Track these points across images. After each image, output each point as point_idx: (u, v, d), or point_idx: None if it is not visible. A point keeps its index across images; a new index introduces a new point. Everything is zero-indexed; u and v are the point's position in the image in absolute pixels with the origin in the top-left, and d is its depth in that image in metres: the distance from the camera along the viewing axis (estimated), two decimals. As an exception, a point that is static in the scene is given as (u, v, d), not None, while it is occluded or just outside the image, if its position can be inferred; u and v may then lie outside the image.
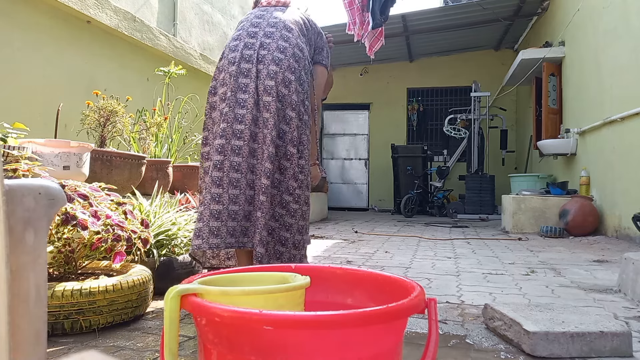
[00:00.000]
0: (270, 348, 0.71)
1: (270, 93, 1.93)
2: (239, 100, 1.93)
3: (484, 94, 8.60)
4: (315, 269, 1.07)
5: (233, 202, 1.87)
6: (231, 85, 1.94)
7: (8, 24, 3.84)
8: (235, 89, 1.94)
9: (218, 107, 1.99)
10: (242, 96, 1.93)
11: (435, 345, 0.80)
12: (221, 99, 1.98)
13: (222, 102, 1.97)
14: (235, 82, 1.94)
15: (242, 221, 1.89)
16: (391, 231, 5.61)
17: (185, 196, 3.14)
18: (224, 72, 2.00)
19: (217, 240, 1.82)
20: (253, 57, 1.97)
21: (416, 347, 1.48)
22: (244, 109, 1.92)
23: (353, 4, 4.45)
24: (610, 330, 1.42)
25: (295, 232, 1.98)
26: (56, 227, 1.66)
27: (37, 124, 3.80)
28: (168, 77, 4.58)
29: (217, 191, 1.86)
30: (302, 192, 2.00)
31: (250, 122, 1.91)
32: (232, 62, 1.98)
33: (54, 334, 1.54)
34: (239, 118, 1.91)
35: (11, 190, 0.67)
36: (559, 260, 3.39)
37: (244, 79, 1.95)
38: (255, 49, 1.99)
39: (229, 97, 1.94)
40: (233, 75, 1.96)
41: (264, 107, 1.93)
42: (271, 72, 1.95)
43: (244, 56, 1.98)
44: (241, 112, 1.92)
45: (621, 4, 4.59)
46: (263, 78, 1.95)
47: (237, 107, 1.92)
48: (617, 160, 4.60)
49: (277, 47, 2.00)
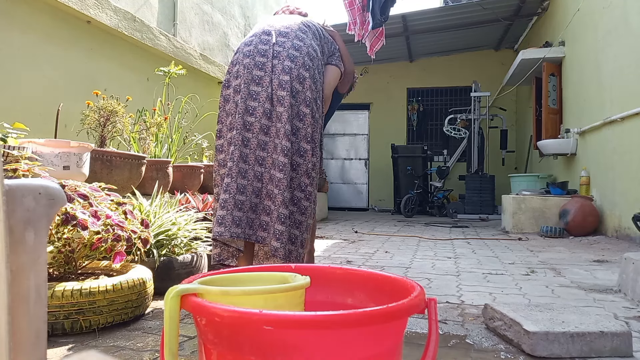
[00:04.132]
0: (270, 348, 0.71)
1: (285, 88, 1.95)
2: (252, 92, 1.95)
3: (484, 94, 8.60)
4: (315, 269, 1.07)
5: (240, 192, 1.88)
6: (245, 77, 1.96)
7: (8, 24, 3.84)
8: (249, 81, 1.95)
9: (232, 99, 2.00)
10: (255, 89, 1.95)
11: (435, 345, 0.80)
12: (235, 90, 1.99)
13: (236, 94, 1.99)
14: (249, 74, 1.96)
15: (249, 212, 1.90)
16: (391, 231, 5.61)
17: (185, 196, 3.14)
18: (238, 65, 2.01)
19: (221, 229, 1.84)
20: (268, 52, 1.99)
21: (416, 347, 1.48)
22: (255, 101, 1.94)
23: (353, 4, 4.45)
24: (610, 330, 1.42)
25: (304, 230, 1.99)
26: (56, 227, 1.66)
27: (37, 124, 3.80)
28: (168, 77, 4.58)
29: (227, 181, 1.88)
30: (313, 190, 2.01)
31: (262, 115, 1.93)
32: (246, 55, 2.00)
33: (54, 334, 1.54)
34: (250, 110, 1.93)
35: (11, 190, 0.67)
36: (559, 260, 3.39)
37: (258, 72, 1.97)
38: (270, 45, 2.02)
39: (242, 89, 1.95)
40: (247, 67, 1.97)
41: (278, 101, 1.95)
42: (286, 68, 1.97)
43: (259, 50, 2.00)
44: (252, 105, 1.94)
45: (621, 4, 4.59)
46: (278, 73, 1.96)
47: (249, 99, 1.94)
48: (617, 160, 4.60)
49: (292, 45, 2.03)
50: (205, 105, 6.25)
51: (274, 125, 1.94)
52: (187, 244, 2.37)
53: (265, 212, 1.93)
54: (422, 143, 10.06)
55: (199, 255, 2.36)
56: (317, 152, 2.03)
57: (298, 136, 1.97)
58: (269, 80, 1.95)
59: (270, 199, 1.92)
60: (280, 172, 1.88)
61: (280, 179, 1.88)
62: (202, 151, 5.10)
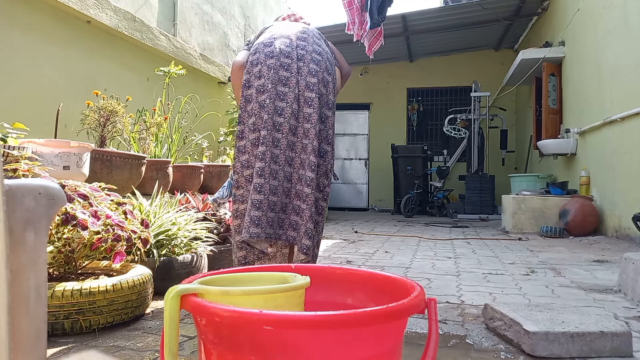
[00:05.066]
0: (270, 348, 0.71)
1: (313, 90, 1.98)
2: (279, 92, 1.96)
3: (484, 94, 8.60)
4: (315, 269, 1.07)
5: (272, 193, 1.91)
6: (271, 77, 1.97)
7: (8, 24, 3.84)
8: (276, 82, 1.96)
9: (255, 100, 2.00)
10: (282, 89, 1.97)
11: (435, 345, 0.80)
12: (258, 91, 1.99)
13: (260, 94, 1.99)
14: (276, 75, 1.97)
15: (280, 213, 1.94)
16: (391, 231, 5.61)
17: (185, 196, 3.14)
18: (260, 65, 2.01)
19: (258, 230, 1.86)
20: (292, 54, 2.01)
21: (416, 347, 1.48)
22: (283, 101, 1.96)
23: (352, 4, 4.45)
24: (610, 330, 1.42)
25: (320, 231, 2.04)
26: (56, 227, 1.66)
27: (37, 124, 3.80)
28: (168, 77, 4.58)
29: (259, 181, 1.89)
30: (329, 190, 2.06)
31: (290, 116, 1.95)
32: (269, 55, 2.01)
33: (54, 334, 1.54)
34: (279, 111, 1.95)
35: (11, 190, 0.67)
36: (559, 260, 3.39)
37: (284, 72, 1.98)
38: (293, 47, 2.04)
39: (269, 89, 1.96)
40: (272, 67, 1.98)
41: (306, 102, 1.97)
42: (312, 70, 2.00)
43: (282, 51, 2.01)
44: (281, 105, 1.96)
45: (621, 4, 4.59)
46: (305, 74, 1.99)
47: (277, 100, 1.96)
48: (617, 160, 4.60)
49: (313, 49, 2.08)
50: (205, 105, 6.25)
51: (301, 125, 1.97)
52: (187, 244, 2.37)
53: (294, 211, 1.96)
54: (422, 143, 10.06)
55: (199, 255, 2.36)
56: (334, 154, 2.10)
57: (320, 137, 2.02)
58: (295, 82, 1.97)
59: (300, 198, 1.95)
60: (311, 172, 1.92)
61: (312, 179, 1.92)
62: (202, 151, 5.10)
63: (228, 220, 2.91)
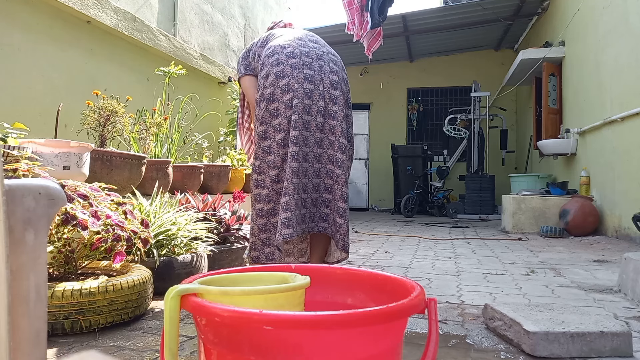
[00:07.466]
0: (270, 348, 0.71)
1: (337, 88, 2.03)
2: (306, 90, 1.99)
3: (484, 94, 8.60)
4: (315, 269, 1.07)
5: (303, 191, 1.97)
6: (296, 77, 1.99)
7: (8, 24, 3.84)
8: (302, 80, 1.99)
9: (279, 100, 2.01)
10: (309, 86, 2.00)
11: (435, 345, 0.80)
12: (283, 90, 2.00)
13: (284, 93, 2.00)
14: (301, 73, 1.99)
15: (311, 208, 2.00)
16: (391, 231, 5.61)
17: (185, 196, 3.14)
18: (282, 65, 2.02)
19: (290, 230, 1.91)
20: (311, 54, 2.05)
21: (416, 347, 1.48)
22: (310, 99, 1.99)
23: (352, 4, 4.45)
24: (610, 330, 1.42)
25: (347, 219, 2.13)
26: (56, 227, 1.66)
27: (37, 124, 3.80)
28: (168, 77, 4.58)
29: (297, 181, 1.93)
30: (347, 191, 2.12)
31: (317, 113, 1.99)
32: (290, 56, 2.03)
33: (54, 334, 1.54)
34: (307, 109, 1.98)
35: (11, 190, 0.67)
36: (559, 260, 3.39)
37: (308, 71, 2.01)
38: (309, 48, 2.08)
39: (295, 88, 1.98)
40: (296, 67, 2.00)
41: (330, 99, 2.01)
42: (333, 69, 2.05)
43: (302, 51, 2.04)
44: (307, 103, 1.99)
45: (621, 4, 4.59)
46: (327, 73, 2.03)
47: (305, 98, 1.98)
48: (617, 160, 4.60)
49: (328, 50, 2.13)
50: (205, 105, 6.25)
51: (327, 122, 2.01)
52: (187, 244, 2.37)
53: (324, 204, 2.03)
54: (422, 143, 10.06)
55: (199, 255, 2.36)
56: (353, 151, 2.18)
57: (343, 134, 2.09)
58: (319, 79, 2.01)
59: (329, 192, 2.02)
60: (339, 169, 1.98)
61: (339, 175, 1.98)
62: (202, 151, 5.10)
63: (228, 221, 2.91)
